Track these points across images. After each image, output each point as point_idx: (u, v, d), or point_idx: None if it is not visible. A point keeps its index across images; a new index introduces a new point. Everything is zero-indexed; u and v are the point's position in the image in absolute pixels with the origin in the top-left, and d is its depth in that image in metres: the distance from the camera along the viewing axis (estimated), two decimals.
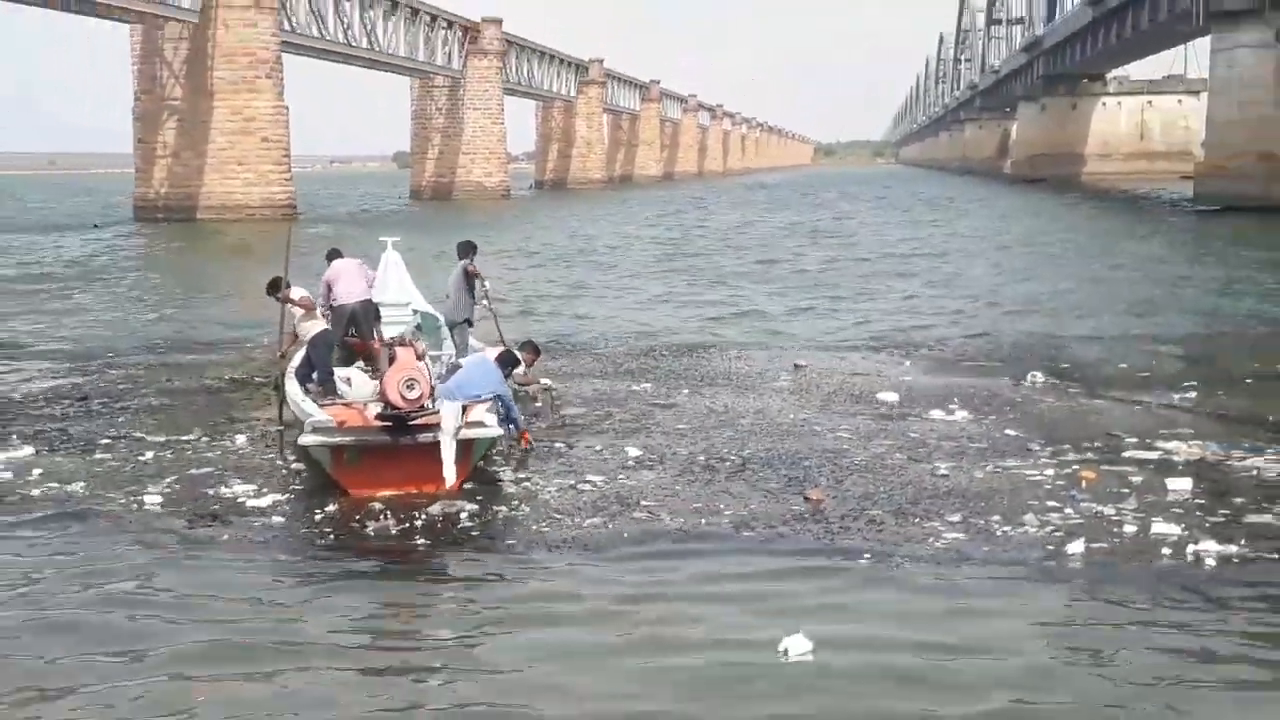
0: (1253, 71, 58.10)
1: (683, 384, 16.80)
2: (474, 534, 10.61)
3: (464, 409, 11.68)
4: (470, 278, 16.12)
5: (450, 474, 11.44)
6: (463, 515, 10.94)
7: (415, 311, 16.45)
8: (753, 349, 20.36)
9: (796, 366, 18.04)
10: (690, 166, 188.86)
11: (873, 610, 8.67)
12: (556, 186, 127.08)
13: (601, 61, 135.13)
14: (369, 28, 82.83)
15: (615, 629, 8.46)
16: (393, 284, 16.26)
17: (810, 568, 9.56)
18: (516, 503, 11.33)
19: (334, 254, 15.88)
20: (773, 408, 15.22)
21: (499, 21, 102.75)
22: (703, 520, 10.61)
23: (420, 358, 12.70)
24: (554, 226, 60.10)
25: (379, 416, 11.85)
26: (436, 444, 11.47)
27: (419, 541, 10.44)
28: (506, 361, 12.63)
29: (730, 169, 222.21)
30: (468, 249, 16.39)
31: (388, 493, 11.42)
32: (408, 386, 11.57)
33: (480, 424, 11.77)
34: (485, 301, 16.54)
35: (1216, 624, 8.33)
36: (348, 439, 11.67)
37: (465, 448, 11.59)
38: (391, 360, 12.30)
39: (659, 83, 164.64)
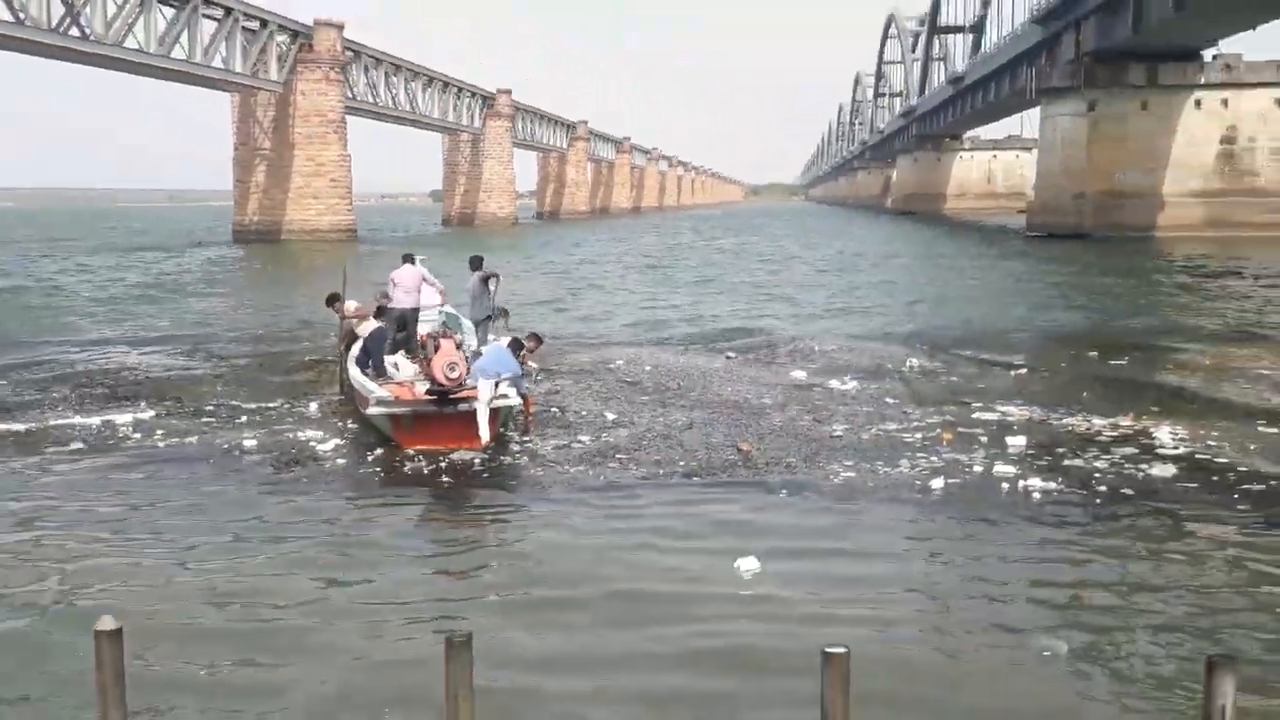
0: (1071, 134, 58.45)
1: (645, 365, 16.78)
2: (485, 475, 10.63)
3: (495, 384, 11.67)
4: (486, 282, 15.83)
5: (485, 433, 11.37)
6: (477, 462, 10.95)
7: (441, 311, 16.31)
8: (698, 340, 20.34)
9: (728, 357, 17.98)
10: (653, 202, 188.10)
11: (792, 528, 8.75)
12: (552, 216, 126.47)
13: (586, 123, 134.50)
14: (411, 96, 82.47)
15: (604, 535, 8.58)
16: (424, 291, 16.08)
17: (744, 499, 9.61)
18: (520, 454, 11.32)
19: (407, 257, 15.82)
20: (712, 382, 15.23)
21: (509, 91, 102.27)
22: (661, 469, 10.62)
23: (459, 347, 12.65)
24: (553, 245, 59.84)
25: (428, 392, 11.78)
26: (473, 412, 11.41)
27: (444, 479, 10.46)
28: (515, 346, 12.59)
29: (682, 204, 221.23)
30: (478, 261, 16.09)
31: (434, 448, 11.31)
32: (450, 368, 11.57)
33: (504, 396, 11.75)
34: (494, 289, 15.92)
35: (1039, 536, 8.47)
36: (406, 409, 11.66)
37: (494, 414, 11.58)
38: (436, 349, 12.24)
39: (629, 139, 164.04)
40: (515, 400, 11.91)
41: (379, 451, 11.30)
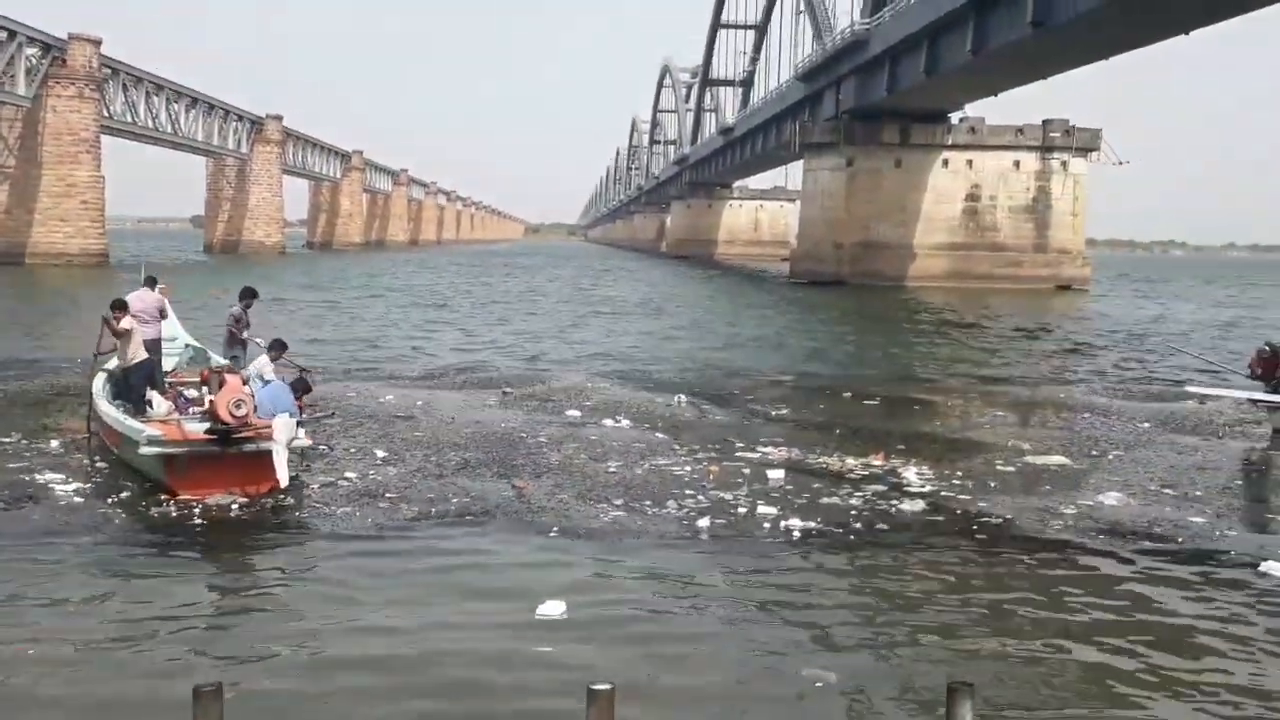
0: (830, 186, 61.80)
1: (418, 401, 16.45)
2: (243, 518, 10.08)
3: (298, 424, 11.03)
4: (238, 323, 14.77)
5: (284, 476, 10.60)
6: (234, 506, 10.31)
7: (187, 345, 15.35)
8: (474, 375, 20.14)
9: (505, 392, 17.88)
10: (431, 235, 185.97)
11: (568, 566, 8.73)
12: (324, 247, 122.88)
13: (361, 152, 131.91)
14: (174, 117, 78.58)
15: (372, 580, 8.23)
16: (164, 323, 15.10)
17: (519, 539, 9.51)
18: (283, 495, 10.69)
19: (149, 280, 14.69)
20: (487, 419, 15.08)
21: (280, 117, 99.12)
22: (434, 508, 10.39)
23: (245, 383, 11.77)
24: (322, 277, 58.03)
25: (209, 431, 10.77)
26: (261, 454, 10.61)
27: (198, 521, 9.87)
28: (300, 386, 11.95)
29: (461, 239, 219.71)
30: (250, 293, 15.24)
31: (214, 494, 10.43)
32: (236, 406, 10.65)
33: (297, 436, 11.09)
34: (246, 335, 15.01)
35: (800, 572, 8.78)
36: (183, 450, 10.67)
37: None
38: (221, 385, 11.35)
39: (407, 170, 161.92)
40: (306, 440, 11.32)
41: (124, 495, 10.53)
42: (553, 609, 7.61)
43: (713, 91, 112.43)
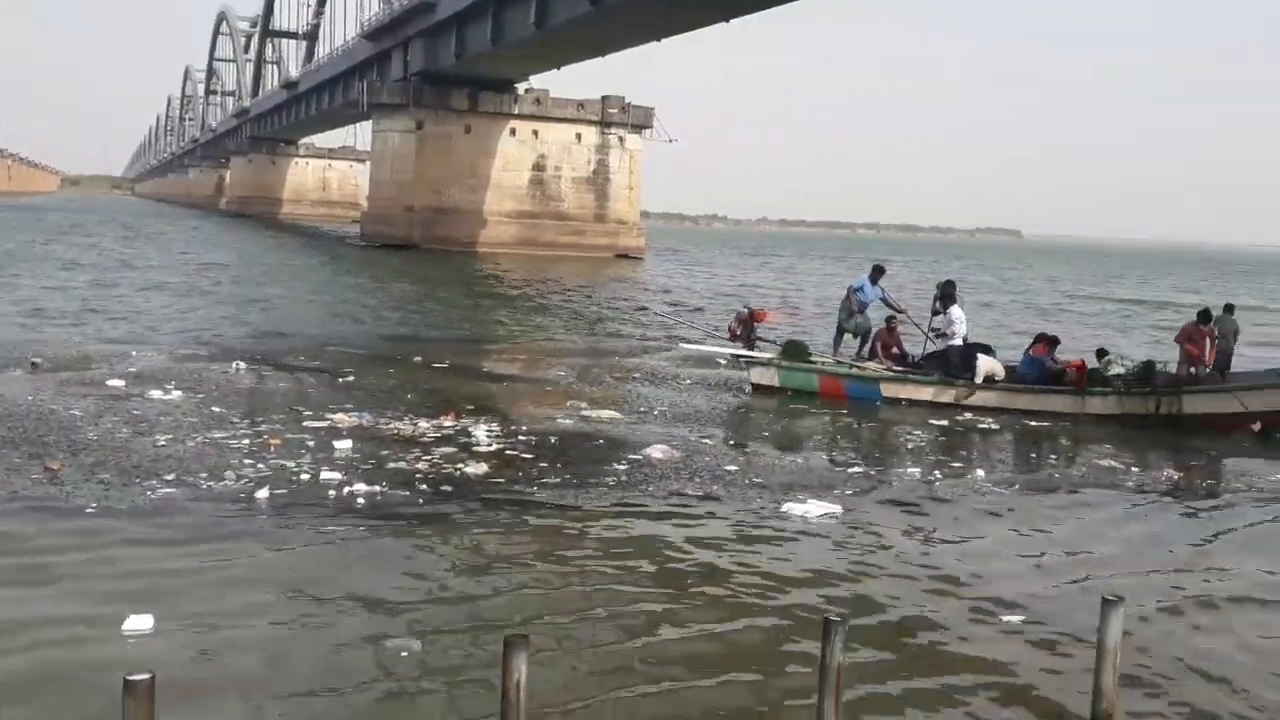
0: (400, 149, 61.11)
1: None
2: None
3: None
4: None
5: None
6: None
7: None
8: None
9: (34, 364, 15.99)
10: None
11: (101, 550, 7.97)
12: None
13: None
14: None
15: None
16: None
17: (50, 524, 8.55)
18: None
19: None
20: (12, 394, 13.44)
21: None
22: None
23: None
24: None
25: None
26: None
27: None
28: None
29: None
30: None
31: None
32: None
33: None
34: None
35: (368, 540, 8.62)
36: None
37: None
38: None
39: None
40: None
41: None
42: (142, 623, 6.75)
43: (275, 43, 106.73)
